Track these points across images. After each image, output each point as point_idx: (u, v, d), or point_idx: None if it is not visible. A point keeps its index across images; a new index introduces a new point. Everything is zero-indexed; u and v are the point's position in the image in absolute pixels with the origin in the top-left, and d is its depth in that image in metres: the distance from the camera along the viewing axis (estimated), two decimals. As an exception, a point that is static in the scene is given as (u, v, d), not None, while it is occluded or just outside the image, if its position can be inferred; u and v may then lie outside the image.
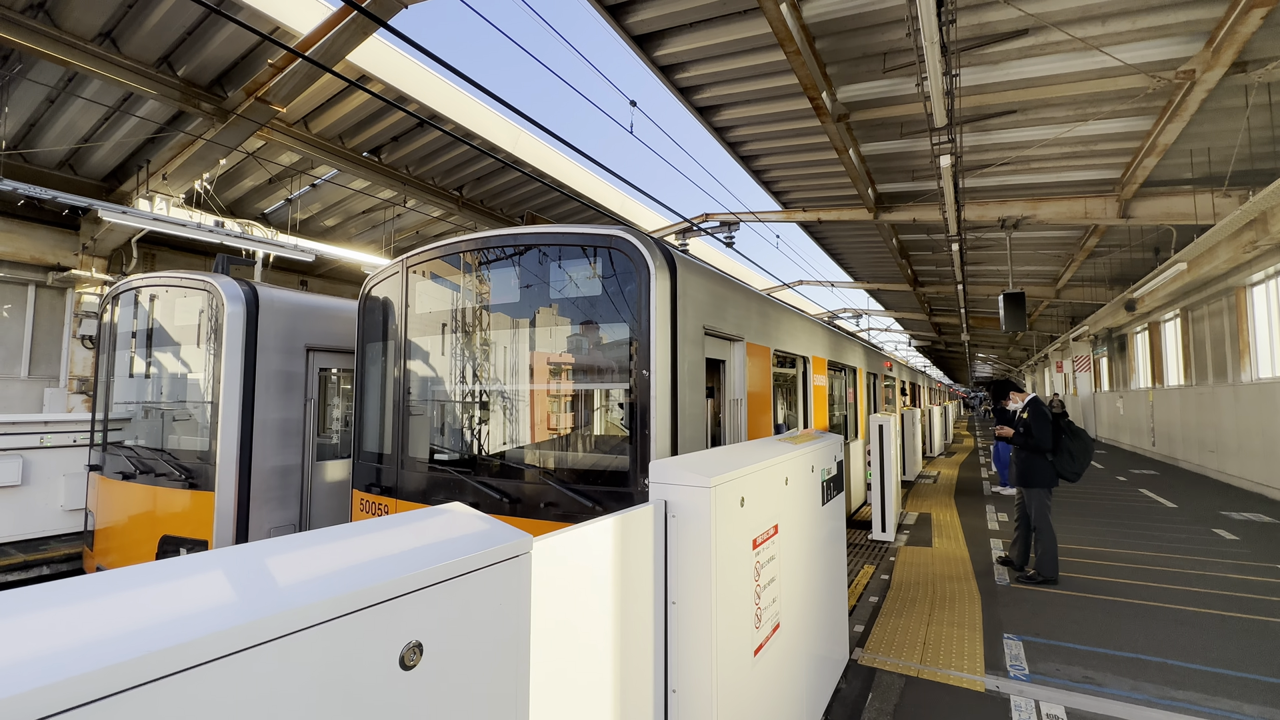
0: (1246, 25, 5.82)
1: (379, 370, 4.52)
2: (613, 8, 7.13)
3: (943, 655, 4.26)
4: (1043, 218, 10.90)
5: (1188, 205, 9.70)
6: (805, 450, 3.32)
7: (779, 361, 5.96)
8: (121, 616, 0.87)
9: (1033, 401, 6.16)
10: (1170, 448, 15.14)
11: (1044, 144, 9.14)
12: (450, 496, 3.76)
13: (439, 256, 4.14)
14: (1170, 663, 4.13)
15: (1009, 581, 5.89)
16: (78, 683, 0.72)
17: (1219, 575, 6.02)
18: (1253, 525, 8.14)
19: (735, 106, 9.17)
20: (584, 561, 1.77)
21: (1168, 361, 15.98)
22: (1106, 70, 7.19)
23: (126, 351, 5.65)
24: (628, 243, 3.43)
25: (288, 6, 7.03)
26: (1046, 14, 6.41)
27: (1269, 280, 10.55)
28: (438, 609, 1.15)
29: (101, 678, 0.73)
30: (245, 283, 5.09)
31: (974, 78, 7.58)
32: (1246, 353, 11.26)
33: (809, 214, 12.76)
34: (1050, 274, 17.44)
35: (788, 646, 2.88)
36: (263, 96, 7.13)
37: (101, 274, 10.26)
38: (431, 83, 9.17)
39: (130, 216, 7.76)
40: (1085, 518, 8.80)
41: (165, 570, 1.05)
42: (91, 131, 9.17)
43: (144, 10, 6.91)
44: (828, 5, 6.60)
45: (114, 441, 5.54)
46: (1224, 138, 8.61)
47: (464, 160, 11.33)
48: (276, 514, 5.02)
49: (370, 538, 1.28)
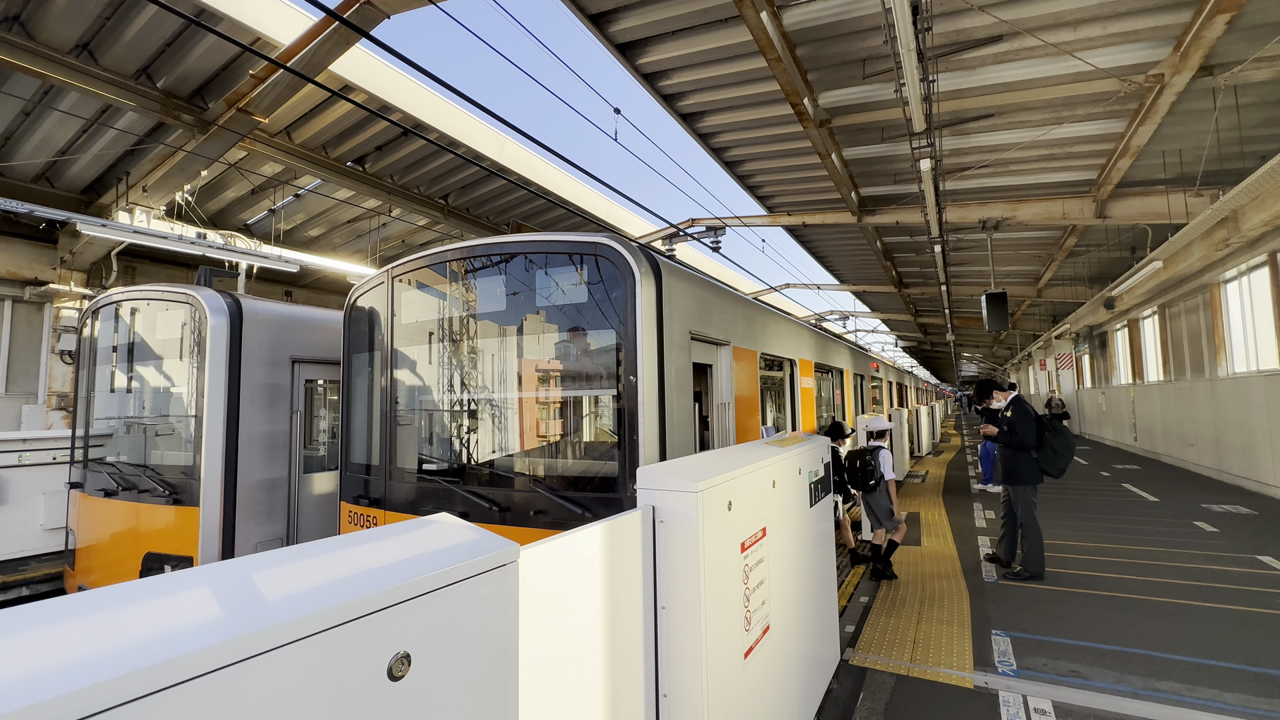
0: (1212, 30, 5.99)
1: (365, 381, 4.49)
2: (595, 16, 7.18)
3: (933, 653, 4.30)
4: (1022, 219, 11.10)
5: (1162, 205, 9.93)
6: (792, 453, 3.35)
7: (766, 365, 6.01)
8: (105, 635, 0.87)
9: (1016, 400, 6.25)
10: (1151, 442, 15.41)
11: (1022, 147, 9.32)
12: (439, 506, 3.75)
13: (425, 265, 4.14)
14: (1153, 654, 4.20)
15: (996, 578, 5.96)
16: (62, 702, 0.72)
17: (1200, 567, 6.13)
18: (1232, 517, 8.31)
19: (719, 113, 9.26)
20: (573, 568, 1.78)
21: (1147, 358, 16.29)
22: (1079, 74, 7.36)
23: (107, 366, 5.57)
24: (613, 249, 3.45)
25: (269, 17, 7.00)
26: (1020, 20, 6.55)
27: (1241, 277, 10.81)
28: (425, 620, 1.16)
29: (86, 696, 0.74)
30: (228, 295, 5.05)
31: (951, 83, 7.72)
32: (1222, 348, 11.51)
33: (794, 218, 12.89)
34: (1031, 274, 17.73)
35: (778, 648, 2.90)
36: (244, 107, 7.09)
37: (81, 288, 10.10)
38: (415, 92, 9.16)
39: (110, 229, 7.66)
40: (1070, 513, 8.93)
41: (149, 588, 1.05)
42: (69, 144, 9.05)
43: (122, 22, 6.85)
44: (807, 13, 6.70)
45: (95, 458, 5.45)
46: (1194, 139, 8.83)
47: (449, 169, 11.32)
48: (263, 528, 4.96)
49: (357, 550, 1.29)
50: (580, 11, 7.04)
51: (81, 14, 6.64)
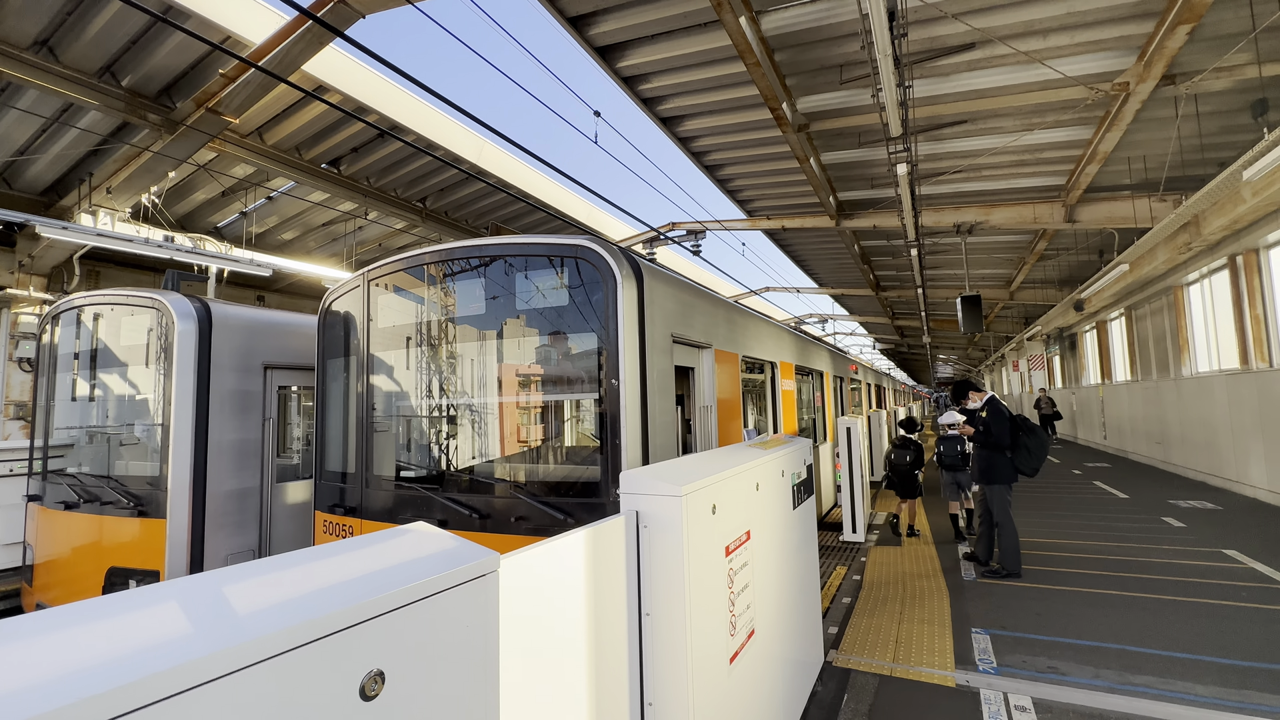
0: (1174, 40, 6.19)
1: (341, 387, 4.39)
2: (575, 19, 7.16)
3: (914, 653, 4.33)
4: (995, 223, 11.34)
5: (1128, 210, 10.23)
6: (775, 455, 3.35)
7: (747, 367, 6.02)
8: (62, 657, 0.81)
9: (990, 400, 6.36)
10: (1121, 441, 15.82)
11: (994, 152, 9.53)
12: (418, 515, 3.67)
13: (402, 269, 4.06)
14: (1128, 648, 4.28)
15: (975, 577, 6.04)
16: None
17: (1170, 562, 6.29)
18: (1198, 512, 8.55)
19: (698, 117, 9.30)
20: (555, 577, 1.74)
21: (1115, 358, 16.74)
22: (1048, 82, 7.55)
23: (68, 374, 5.36)
24: (594, 252, 3.42)
25: (239, 15, 6.84)
26: (991, 28, 6.70)
27: (1203, 279, 11.17)
28: (400, 635, 1.11)
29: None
30: (197, 299, 4.90)
31: (926, 89, 7.86)
32: (1186, 349, 11.88)
33: (773, 221, 12.99)
34: (1004, 277, 18.13)
35: (763, 652, 2.88)
36: (214, 107, 6.91)
37: (40, 293, 9.73)
38: (392, 93, 9.02)
39: (71, 232, 7.39)
40: (1044, 511, 9.12)
41: (111, 605, 0.99)
42: (28, 144, 8.73)
43: (84, 18, 6.63)
44: (786, 19, 6.76)
45: (55, 469, 5.24)
46: (1157, 146, 9.11)
47: (427, 171, 11.18)
48: (233, 540, 4.81)
49: (330, 562, 1.24)
50: (559, 14, 7.01)
51: (41, 9, 6.41)
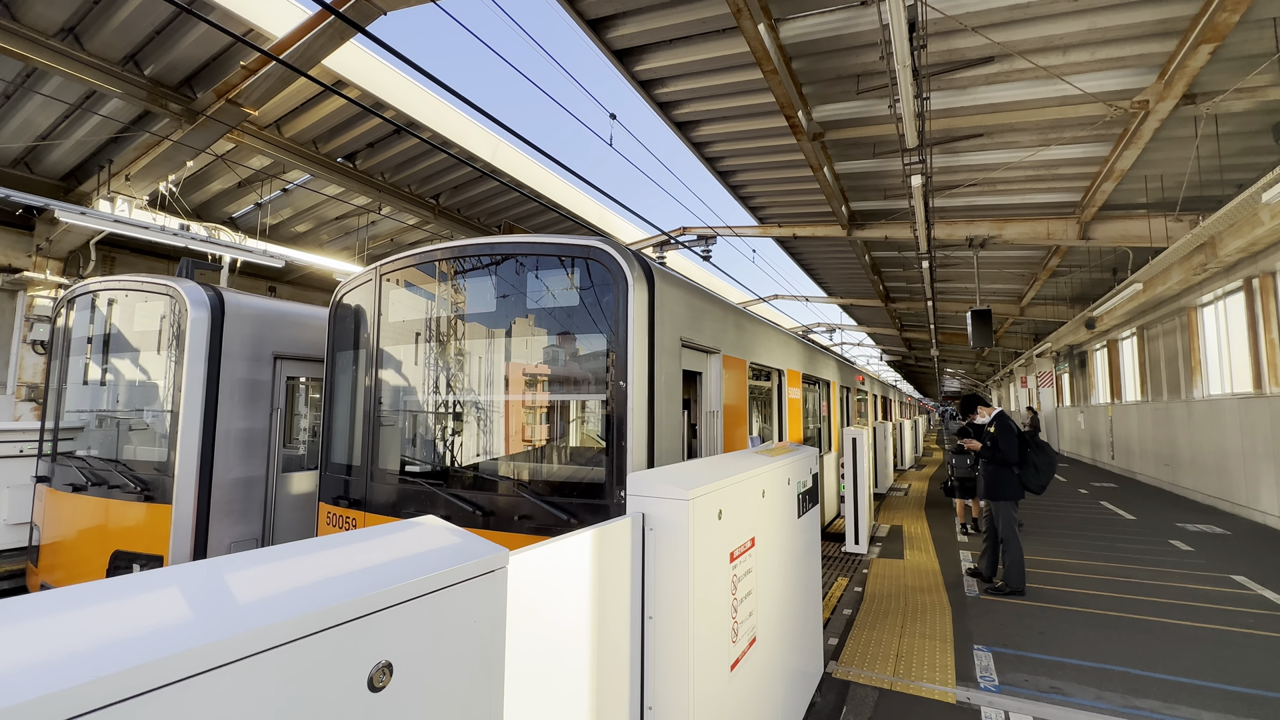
0: (1196, 59, 6.14)
1: (349, 379, 4.40)
2: (594, 22, 7.19)
3: (915, 667, 4.29)
4: (1008, 237, 11.27)
5: (1143, 228, 10.15)
6: (782, 463, 3.34)
7: (754, 374, 6.00)
8: (66, 639, 0.81)
9: (999, 416, 6.31)
10: (1129, 461, 15.66)
11: (1009, 167, 9.48)
12: (421, 510, 3.67)
13: (414, 265, 4.08)
14: (1132, 672, 4.23)
15: (978, 593, 5.98)
16: (17, 712, 0.66)
17: (1176, 585, 6.21)
18: (1206, 537, 8.45)
19: (713, 122, 9.30)
20: (561, 576, 1.73)
21: (1125, 378, 16.59)
22: (1067, 98, 7.50)
23: (81, 357, 5.41)
24: (606, 254, 3.42)
25: (262, 8, 6.91)
26: (1011, 43, 6.67)
27: (1217, 301, 11.06)
28: (408, 627, 1.11)
29: (43, 706, 0.68)
30: (210, 287, 4.93)
31: (944, 101, 7.83)
32: (1198, 370, 11.75)
33: (784, 229, 12.97)
34: (1015, 292, 18.01)
35: (764, 660, 2.86)
36: (234, 99, 6.98)
37: (57, 277, 9.84)
38: (410, 90, 9.09)
39: (89, 218, 7.47)
40: (1050, 529, 9.02)
41: (116, 588, 0.99)
42: (50, 129, 8.84)
43: (110, 7, 6.72)
44: (804, 27, 6.76)
45: (64, 451, 5.28)
46: (1175, 165, 9.04)
47: (441, 168, 11.24)
48: (238, 528, 4.83)
49: (337, 552, 1.23)
50: (579, 16, 7.04)
51: (69, -3, 6.50)
